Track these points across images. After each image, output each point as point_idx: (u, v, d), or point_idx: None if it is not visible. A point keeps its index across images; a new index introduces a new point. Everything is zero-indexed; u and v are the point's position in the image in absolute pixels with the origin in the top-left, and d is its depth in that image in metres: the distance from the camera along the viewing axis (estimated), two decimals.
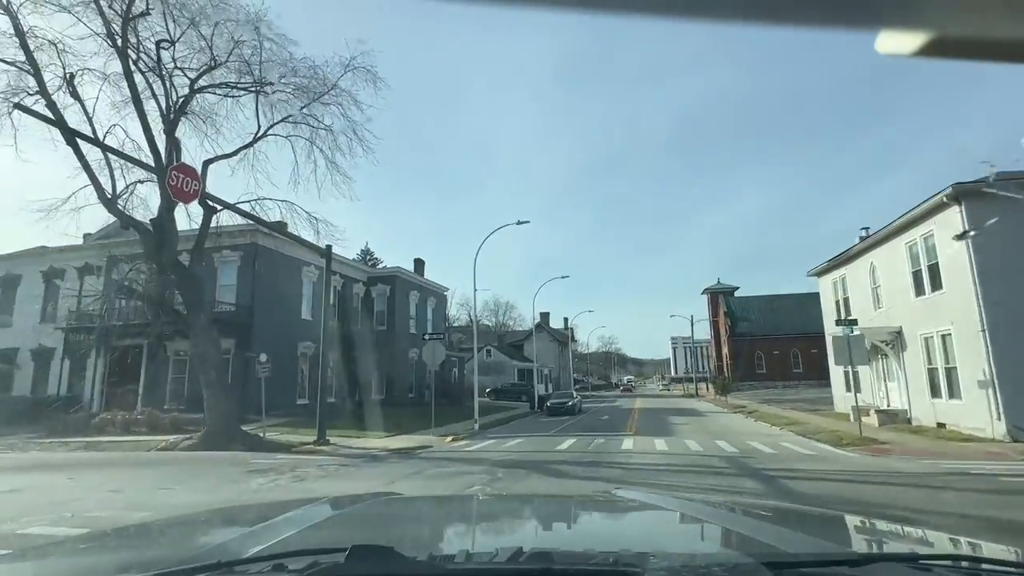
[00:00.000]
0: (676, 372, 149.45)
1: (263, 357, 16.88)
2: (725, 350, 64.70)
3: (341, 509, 2.13)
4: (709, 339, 72.95)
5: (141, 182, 17.45)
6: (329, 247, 17.39)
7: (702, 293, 72.24)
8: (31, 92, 15.11)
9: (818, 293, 26.54)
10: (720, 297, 66.87)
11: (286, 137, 18.10)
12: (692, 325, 57.97)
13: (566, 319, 77.61)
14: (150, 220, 16.68)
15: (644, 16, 0.50)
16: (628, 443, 15.57)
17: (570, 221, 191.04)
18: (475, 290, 21.54)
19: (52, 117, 13.73)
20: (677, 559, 1.15)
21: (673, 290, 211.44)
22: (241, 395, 22.49)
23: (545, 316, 69.48)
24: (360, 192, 73.82)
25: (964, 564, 1.28)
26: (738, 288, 68.87)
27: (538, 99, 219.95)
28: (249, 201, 17.33)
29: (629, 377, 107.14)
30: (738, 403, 35.45)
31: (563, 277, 38.73)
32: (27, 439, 20.06)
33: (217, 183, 15.68)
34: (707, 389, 61.37)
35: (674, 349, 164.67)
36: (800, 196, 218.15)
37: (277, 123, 17.51)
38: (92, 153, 15.65)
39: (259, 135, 17.47)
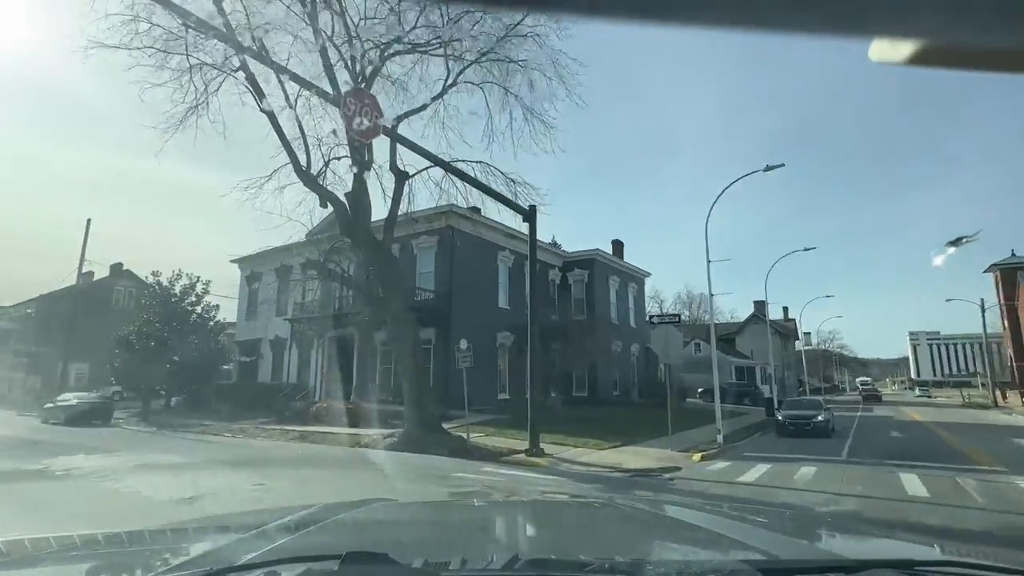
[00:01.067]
0: (919, 374, 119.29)
1: (463, 344, 14.27)
2: None
3: (337, 515, 2.06)
4: (1001, 331, 54.64)
5: (337, 158, 16.33)
6: (533, 207, 14.00)
7: (985, 271, 54.25)
8: (234, 69, 14.62)
9: None
10: (1020, 274, 49.14)
11: (478, 84, 15.35)
12: (983, 311, 43.31)
13: (785, 308, 65.57)
14: (344, 194, 15.35)
15: (632, 22, 0.49)
16: None
17: (769, 204, 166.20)
18: (708, 261, 16.19)
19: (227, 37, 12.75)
20: (673, 566, 1.17)
21: (901, 277, 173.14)
22: (443, 389, 20.85)
23: (760, 305, 59.21)
24: (545, 184, 72.14)
25: (958, 571, 1.23)
26: None
27: (729, 77, 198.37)
28: (442, 164, 14.92)
29: (865, 379, 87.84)
30: None
31: (807, 249, 29.42)
32: (258, 424, 20.90)
33: (408, 153, 13.33)
34: (1005, 397, 45.73)
35: (914, 347, 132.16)
36: None
37: (468, 66, 14.81)
38: (286, 125, 14.77)
39: (449, 84, 15.02)
